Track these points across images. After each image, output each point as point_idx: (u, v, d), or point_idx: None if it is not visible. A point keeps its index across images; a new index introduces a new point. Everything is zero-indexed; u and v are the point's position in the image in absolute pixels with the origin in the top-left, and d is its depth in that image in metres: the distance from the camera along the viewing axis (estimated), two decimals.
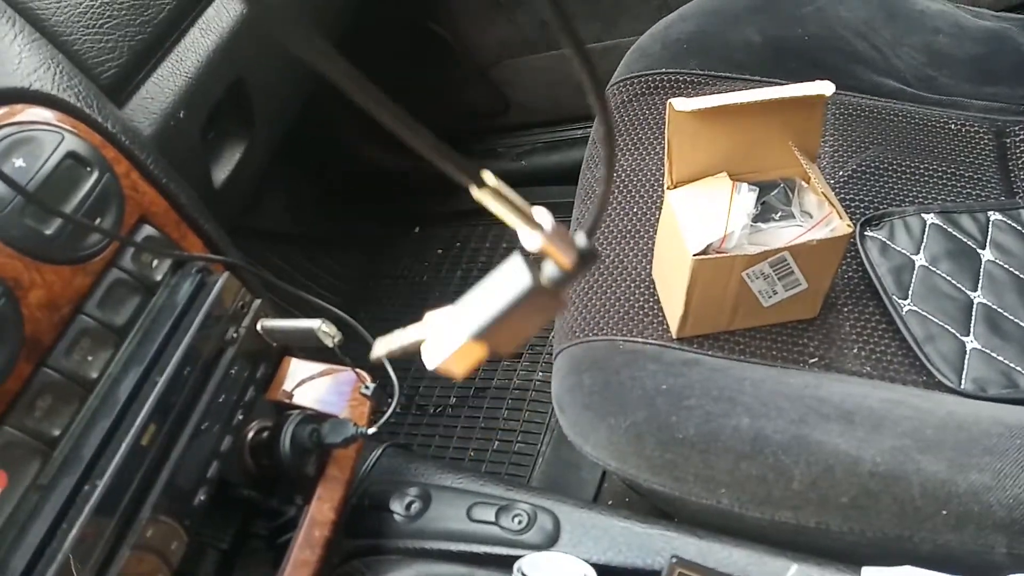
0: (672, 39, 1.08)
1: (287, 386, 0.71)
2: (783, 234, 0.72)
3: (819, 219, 0.73)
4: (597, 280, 0.87)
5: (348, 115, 1.53)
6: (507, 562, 0.65)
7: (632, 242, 0.89)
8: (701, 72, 1.04)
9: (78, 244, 0.55)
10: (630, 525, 0.64)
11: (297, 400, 0.71)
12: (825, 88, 0.71)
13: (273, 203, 1.53)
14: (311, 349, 0.67)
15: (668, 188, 0.76)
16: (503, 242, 1.45)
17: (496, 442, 1.17)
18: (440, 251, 1.49)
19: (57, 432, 0.52)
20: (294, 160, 1.45)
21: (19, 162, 0.55)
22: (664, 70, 1.05)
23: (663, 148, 0.97)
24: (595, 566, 0.61)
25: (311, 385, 0.71)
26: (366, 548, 0.69)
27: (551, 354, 1.25)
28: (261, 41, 0.87)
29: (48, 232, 0.53)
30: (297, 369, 0.71)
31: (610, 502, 1.06)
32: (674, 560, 0.58)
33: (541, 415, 1.17)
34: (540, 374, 1.22)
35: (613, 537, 0.64)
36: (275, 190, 1.52)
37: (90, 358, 0.55)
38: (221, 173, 0.84)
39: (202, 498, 0.55)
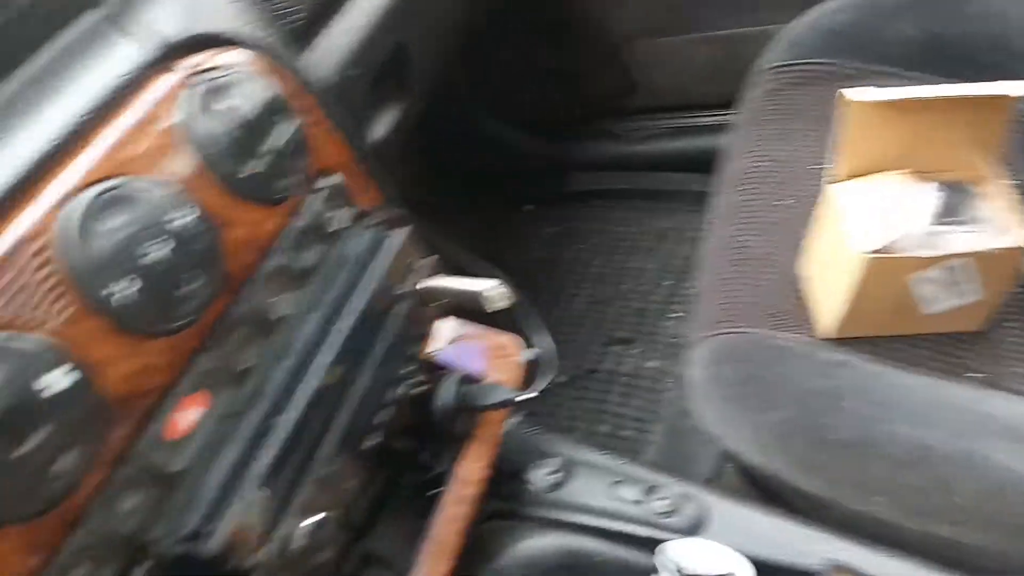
0: (826, 28, 1.05)
1: (438, 344, 0.71)
2: (959, 239, 0.69)
3: (1000, 226, 0.69)
4: (742, 271, 0.85)
5: (467, 83, 1.54)
6: (650, 544, 0.64)
7: (781, 235, 0.87)
8: (855, 65, 1.01)
9: (272, 187, 0.57)
10: (781, 522, 0.63)
11: (446, 359, 0.71)
12: (1015, 89, 0.68)
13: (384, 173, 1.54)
14: (468, 311, 0.68)
15: (834, 181, 0.74)
16: (618, 225, 1.44)
17: (605, 425, 1.16)
18: (551, 230, 1.49)
19: (249, 364, 0.54)
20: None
21: (223, 104, 0.56)
22: (818, 60, 1.02)
23: (816, 140, 0.95)
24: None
25: (462, 345, 0.72)
26: (503, 512, 0.70)
27: (667, 344, 1.24)
28: (426, 8, 0.88)
29: (249, 173, 0.55)
30: (449, 328, 0.72)
31: None
32: (833, 565, 0.56)
33: (653, 404, 1.16)
34: (655, 362, 1.21)
35: (763, 532, 0.63)
36: (387, 161, 1.53)
37: (277, 299, 0.56)
38: (375, 136, 0.85)
39: (372, 443, 0.56)
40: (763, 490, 0.90)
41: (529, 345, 0.71)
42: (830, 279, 0.74)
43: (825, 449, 0.66)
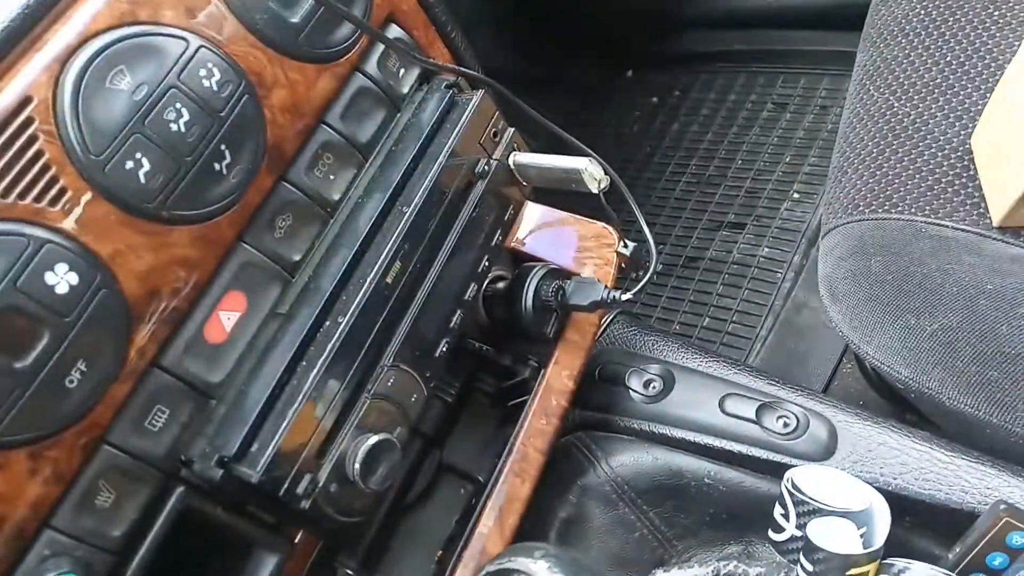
0: None
1: (521, 233, 0.62)
2: None
3: None
4: (891, 144, 0.70)
5: None
6: (767, 467, 0.55)
7: (941, 100, 0.71)
8: None
9: (324, 39, 0.46)
10: (930, 450, 0.52)
11: (530, 249, 0.62)
12: None
13: (478, 36, 1.40)
14: (555, 193, 0.58)
15: None
16: (731, 93, 1.27)
17: (707, 319, 1.05)
18: (655, 99, 1.33)
19: (297, 257, 0.46)
20: None
21: None
22: None
23: None
24: (881, 492, 0.50)
25: (548, 234, 0.62)
26: (594, 422, 0.62)
27: (782, 230, 1.10)
28: None
29: (294, 20, 0.45)
30: (533, 214, 0.62)
31: None
32: (1003, 507, 0.46)
33: (763, 295, 1.04)
34: (766, 249, 1.08)
35: (907, 462, 0.52)
36: (481, 22, 1.39)
37: (332, 177, 0.47)
38: None
39: (444, 349, 0.48)
40: (900, 407, 0.78)
41: (625, 235, 0.60)
42: (1015, 151, 0.59)
43: (997, 364, 0.53)
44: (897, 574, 0.46)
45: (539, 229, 0.63)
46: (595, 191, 0.50)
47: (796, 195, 1.12)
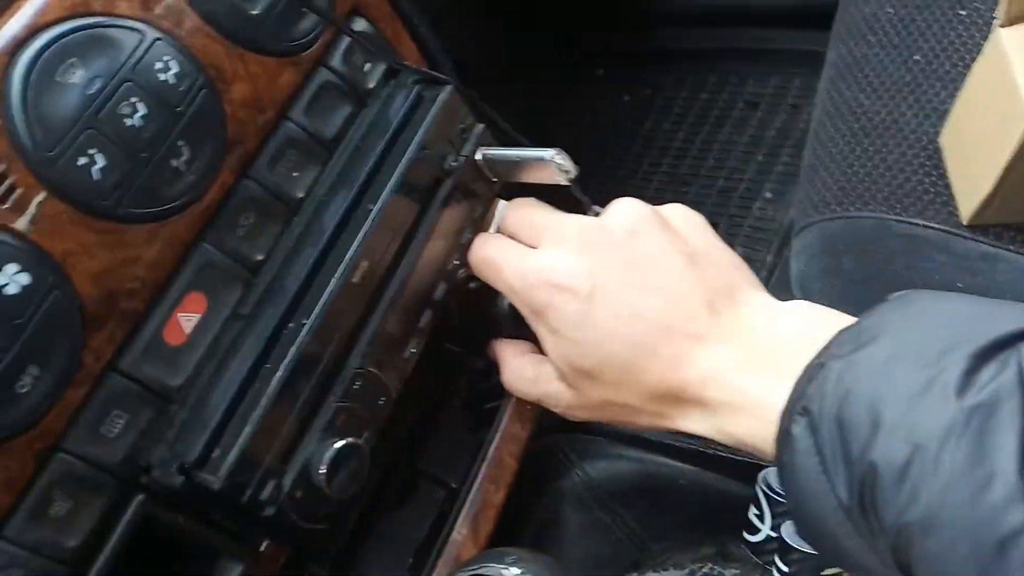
0: None
1: (493, 229, 0.61)
2: None
3: None
4: (861, 142, 0.70)
5: None
6: (743, 469, 0.55)
7: (912, 97, 0.71)
8: None
9: (286, 32, 0.45)
10: None
11: None
12: None
13: (446, 31, 1.39)
14: (531, 187, 0.57)
15: (1001, 24, 0.57)
16: (702, 91, 1.27)
17: None
18: (627, 98, 1.33)
19: (260, 257, 0.44)
20: None
21: None
22: None
23: None
24: None
25: None
26: (570, 425, 0.61)
27: (754, 228, 1.10)
28: None
29: (255, 12, 0.43)
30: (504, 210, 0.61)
31: None
32: None
33: None
34: (739, 249, 1.07)
35: None
36: (450, 17, 1.37)
37: (296, 174, 0.46)
38: None
39: (413, 351, 0.47)
40: None
41: None
42: (981, 150, 0.59)
43: None
44: None
45: None
46: (565, 182, 0.50)
47: (768, 194, 1.13)
